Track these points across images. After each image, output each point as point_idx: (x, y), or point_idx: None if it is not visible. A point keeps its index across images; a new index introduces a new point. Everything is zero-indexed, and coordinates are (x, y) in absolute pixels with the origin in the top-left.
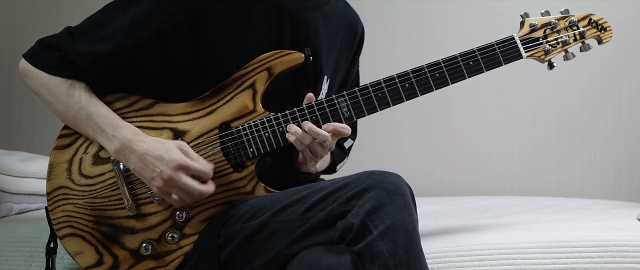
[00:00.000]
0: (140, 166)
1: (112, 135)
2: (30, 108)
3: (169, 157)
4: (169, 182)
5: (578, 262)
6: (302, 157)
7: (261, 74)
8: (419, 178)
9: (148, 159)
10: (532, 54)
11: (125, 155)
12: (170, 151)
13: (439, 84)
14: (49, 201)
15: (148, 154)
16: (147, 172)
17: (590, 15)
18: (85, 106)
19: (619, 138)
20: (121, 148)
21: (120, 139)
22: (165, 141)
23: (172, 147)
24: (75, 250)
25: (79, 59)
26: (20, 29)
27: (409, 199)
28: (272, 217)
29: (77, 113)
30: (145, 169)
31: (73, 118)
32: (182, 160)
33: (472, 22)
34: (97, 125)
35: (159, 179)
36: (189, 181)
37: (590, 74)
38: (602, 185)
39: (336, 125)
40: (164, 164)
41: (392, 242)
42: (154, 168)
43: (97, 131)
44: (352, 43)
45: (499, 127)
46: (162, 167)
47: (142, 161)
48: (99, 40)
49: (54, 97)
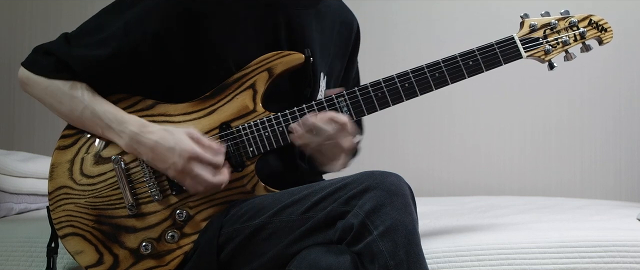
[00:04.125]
0: (153, 157)
1: (119, 130)
2: (30, 108)
3: (180, 147)
4: (182, 173)
5: (578, 262)
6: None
7: (261, 74)
8: (419, 178)
9: (160, 151)
10: (532, 54)
11: (136, 148)
12: (182, 142)
13: (439, 83)
14: (51, 201)
15: (159, 146)
16: (160, 163)
17: (590, 16)
18: (89, 105)
19: (619, 138)
20: (131, 142)
21: (128, 134)
22: (175, 130)
23: (182, 136)
24: (75, 250)
25: (75, 64)
26: (20, 30)
27: (409, 199)
28: (272, 217)
29: (83, 112)
30: (158, 160)
31: (79, 118)
32: (193, 151)
33: (472, 22)
34: (104, 122)
35: (173, 170)
36: (201, 173)
37: (590, 74)
38: (602, 185)
39: (330, 114)
40: (176, 155)
41: (392, 242)
42: (167, 159)
43: (105, 128)
44: (348, 40)
45: (499, 127)
46: (174, 158)
47: (154, 153)
48: (95, 45)
49: (57, 100)
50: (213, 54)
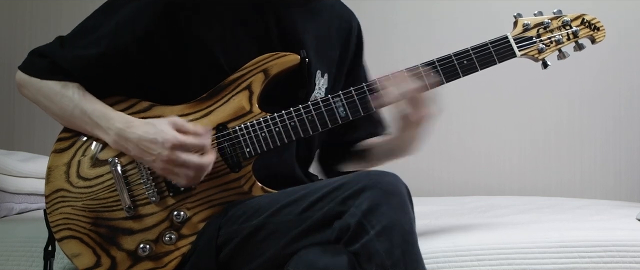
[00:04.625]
0: (140, 152)
1: (106, 127)
2: (30, 108)
3: (162, 137)
4: (169, 162)
5: (578, 262)
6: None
7: (257, 75)
8: (419, 178)
9: (144, 144)
10: (526, 53)
11: (122, 144)
12: (163, 132)
13: (434, 83)
14: (48, 204)
15: (142, 140)
16: (147, 157)
17: (582, 15)
18: (78, 103)
19: (619, 138)
20: (117, 139)
21: (114, 130)
22: (157, 121)
23: (164, 127)
24: (73, 253)
25: (68, 65)
26: (20, 30)
27: (406, 199)
28: (270, 217)
29: (73, 111)
30: (144, 154)
31: (70, 117)
32: (175, 139)
33: (471, 22)
34: (92, 120)
35: (159, 161)
36: (187, 157)
37: (590, 74)
38: (602, 185)
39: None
40: (159, 145)
41: (388, 242)
42: (151, 152)
43: (93, 126)
44: (348, 38)
45: (499, 127)
46: (158, 149)
47: (139, 147)
48: (87, 46)
49: (49, 100)
50: (202, 54)
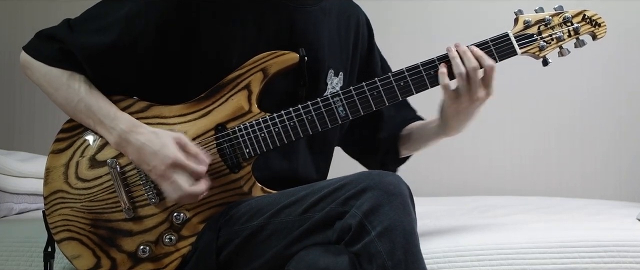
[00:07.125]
0: (138, 158)
1: (110, 127)
2: (30, 108)
3: (164, 153)
4: (162, 176)
5: (578, 262)
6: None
7: (256, 74)
8: (419, 178)
9: (145, 153)
10: (527, 51)
11: (123, 146)
12: (166, 147)
13: (434, 81)
14: (46, 205)
15: (145, 148)
16: (143, 165)
17: (584, 11)
18: (84, 98)
19: (619, 138)
20: (119, 140)
21: (117, 131)
22: (163, 134)
23: (168, 141)
24: (73, 254)
25: (77, 50)
26: (20, 29)
27: (408, 199)
28: (271, 218)
29: (77, 105)
30: (142, 162)
31: (73, 110)
32: (176, 159)
33: (471, 22)
34: (97, 116)
35: (154, 173)
36: (178, 180)
37: (591, 74)
38: (602, 185)
39: None
40: (158, 159)
41: (390, 242)
42: (149, 162)
43: (97, 123)
44: (357, 34)
45: (499, 127)
46: (156, 162)
47: (139, 153)
48: (96, 32)
49: (54, 88)
50: (211, 48)
